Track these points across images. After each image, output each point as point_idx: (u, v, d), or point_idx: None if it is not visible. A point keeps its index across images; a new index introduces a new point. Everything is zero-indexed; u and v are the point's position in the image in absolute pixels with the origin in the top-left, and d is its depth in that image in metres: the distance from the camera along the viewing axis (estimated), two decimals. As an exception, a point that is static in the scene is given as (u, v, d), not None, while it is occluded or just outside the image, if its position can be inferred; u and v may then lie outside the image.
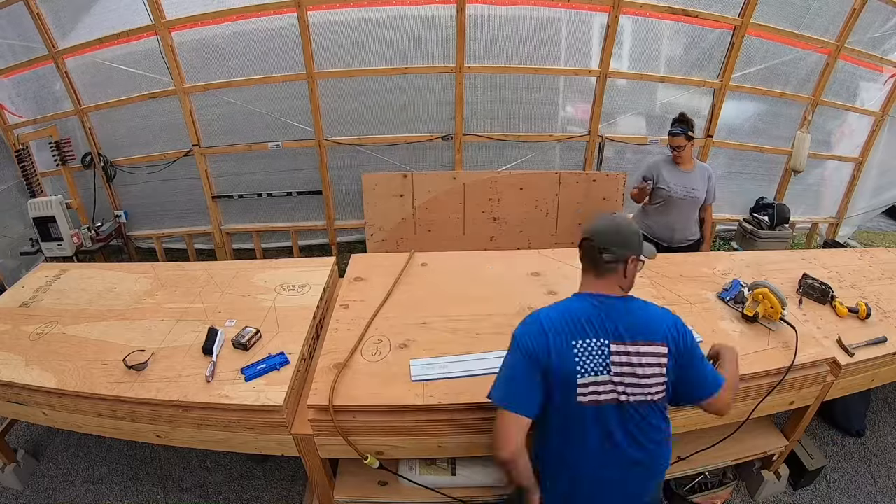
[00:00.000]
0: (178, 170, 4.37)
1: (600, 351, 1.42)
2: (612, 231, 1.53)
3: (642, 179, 3.25)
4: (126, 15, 3.74)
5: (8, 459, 2.65)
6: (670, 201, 3.21)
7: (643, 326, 1.45)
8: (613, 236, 1.52)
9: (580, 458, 1.50)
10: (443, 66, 4.01)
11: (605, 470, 1.50)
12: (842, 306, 2.41)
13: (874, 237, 5.80)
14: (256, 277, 2.65)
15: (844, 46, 4.16)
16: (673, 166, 3.23)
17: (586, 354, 1.41)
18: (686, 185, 3.20)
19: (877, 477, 2.72)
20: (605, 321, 1.45)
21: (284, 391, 1.88)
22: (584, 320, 1.45)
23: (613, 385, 1.42)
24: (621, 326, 1.44)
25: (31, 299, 2.58)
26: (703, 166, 3.26)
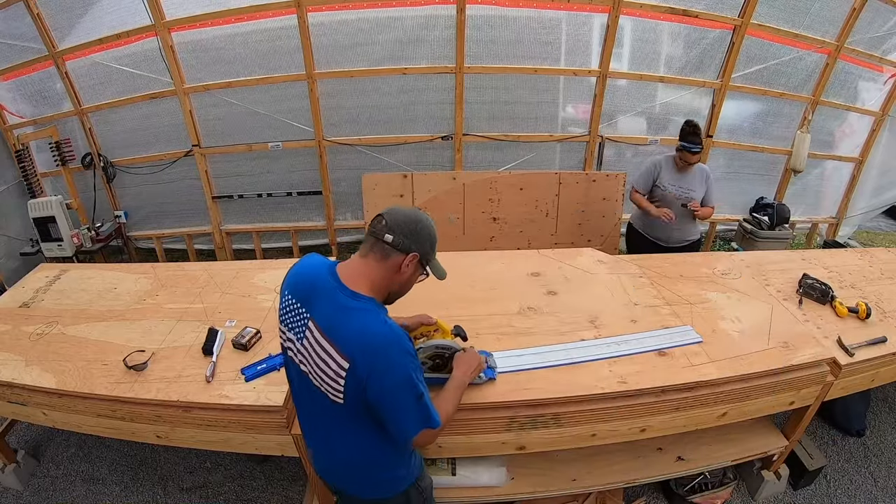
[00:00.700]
0: (178, 170, 4.37)
1: (300, 317, 1.33)
2: (412, 218, 1.35)
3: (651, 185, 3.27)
4: (126, 15, 3.74)
5: (8, 460, 2.64)
6: (668, 201, 3.21)
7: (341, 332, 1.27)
8: (409, 222, 1.34)
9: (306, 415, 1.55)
10: (443, 66, 4.01)
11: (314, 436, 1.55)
12: (842, 306, 2.41)
13: (874, 237, 5.80)
14: (256, 277, 2.65)
15: (844, 46, 4.16)
16: (672, 167, 3.24)
17: (289, 310, 1.36)
18: (684, 185, 3.21)
19: (877, 477, 2.72)
20: (319, 300, 1.31)
21: (284, 391, 1.88)
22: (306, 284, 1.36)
23: (302, 354, 1.35)
24: (327, 316, 1.29)
25: (31, 300, 2.58)
26: (701, 167, 3.26)
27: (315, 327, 1.29)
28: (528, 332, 2.16)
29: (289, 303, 1.37)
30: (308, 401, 1.45)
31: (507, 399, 1.84)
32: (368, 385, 1.25)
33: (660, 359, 2.03)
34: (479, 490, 2.13)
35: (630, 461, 2.29)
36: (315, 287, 1.34)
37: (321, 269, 1.37)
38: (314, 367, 1.31)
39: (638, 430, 1.99)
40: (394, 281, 1.37)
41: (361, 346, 1.25)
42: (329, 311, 1.29)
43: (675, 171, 3.23)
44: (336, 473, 1.57)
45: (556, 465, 2.24)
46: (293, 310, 1.35)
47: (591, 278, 2.61)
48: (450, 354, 1.81)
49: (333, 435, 1.45)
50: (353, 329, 1.26)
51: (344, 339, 1.26)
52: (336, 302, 1.29)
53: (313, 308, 1.31)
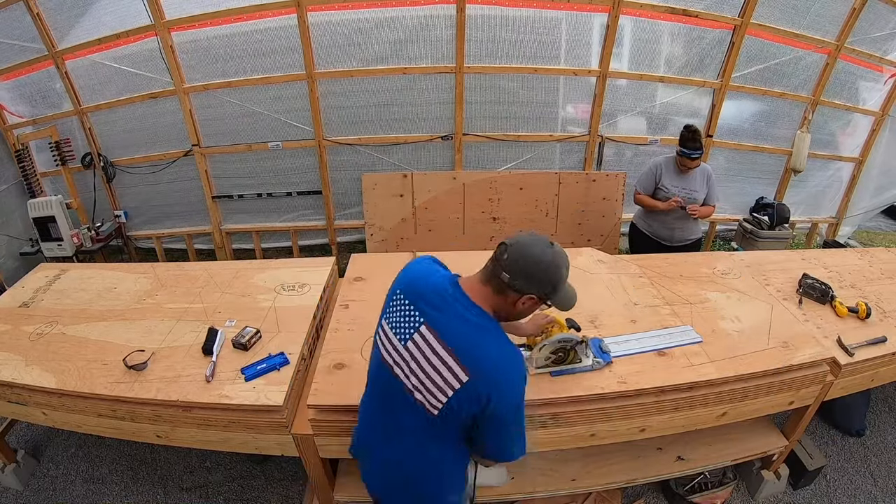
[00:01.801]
0: (178, 170, 4.37)
1: (410, 319, 1.31)
2: (533, 261, 1.28)
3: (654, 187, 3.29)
4: (126, 15, 3.73)
5: (8, 459, 2.65)
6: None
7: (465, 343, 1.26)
8: (529, 265, 1.28)
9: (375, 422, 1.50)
10: (443, 66, 4.01)
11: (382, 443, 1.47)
12: (842, 306, 2.41)
13: (874, 237, 5.80)
14: (256, 277, 2.65)
15: (844, 46, 4.16)
16: (674, 169, 3.24)
17: (397, 309, 1.34)
18: (685, 186, 3.21)
19: (877, 476, 2.72)
20: (440, 308, 1.29)
21: (284, 391, 1.88)
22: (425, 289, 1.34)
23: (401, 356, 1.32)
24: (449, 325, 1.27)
25: (31, 299, 2.58)
26: (703, 167, 3.26)
27: (430, 333, 1.27)
28: (528, 332, 2.16)
29: (399, 302, 1.35)
30: (387, 405, 1.41)
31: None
32: (490, 403, 1.24)
33: (659, 359, 2.03)
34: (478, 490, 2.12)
35: (630, 461, 2.29)
36: (435, 293, 1.32)
37: (441, 279, 1.37)
38: (417, 373, 1.28)
39: (637, 430, 1.99)
40: (510, 312, 1.35)
41: (489, 364, 1.25)
42: (453, 322, 1.28)
43: (677, 172, 3.23)
44: (389, 484, 1.49)
45: (555, 465, 2.24)
46: (402, 310, 1.33)
47: (591, 278, 2.61)
48: (570, 347, 1.89)
49: (407, 445, 1.39)
50: (482, 346, 1.26)
51: (469, 353, 1.24)
52: (461, 315, 1.28)
53: (429, 314, 1.29)
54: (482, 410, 1.25)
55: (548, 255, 1.29)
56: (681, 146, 3.11)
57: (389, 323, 1.36)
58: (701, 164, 3.24)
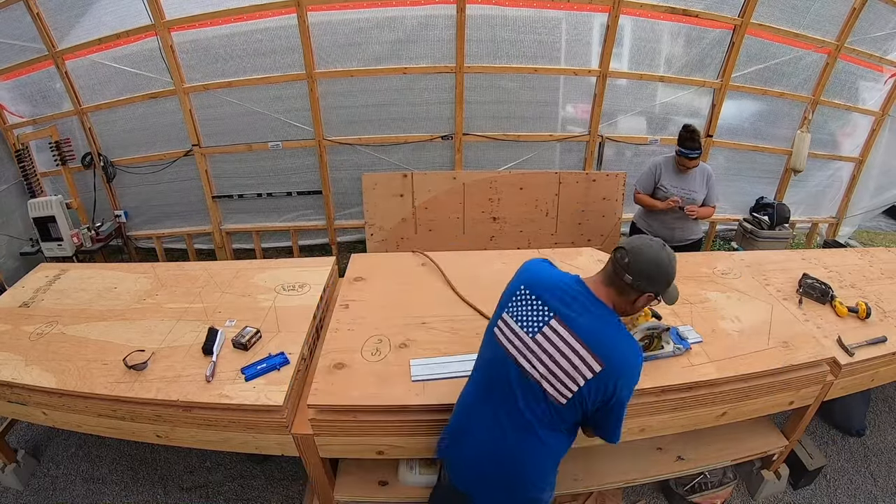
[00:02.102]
0: (178, 170, 4.37)
1: (539, 313, 1.40)
2: (654, 263, 1.40)
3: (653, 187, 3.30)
4: (126, 15, 3.73)
5: (8, 459, 2.65)
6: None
7: (598, 336, 1.36)
8: (650, 267, 1.40)
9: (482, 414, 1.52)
10: (443, 65, 4.01)
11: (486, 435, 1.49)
12: (842, 306, 2.41)
13: (874, 237, 5.80)
14: (256, 277, 2.65)
15: (844, 46, 4.16)
16: (673, 169, 3.24)
17: (524, 304, 1.43)
18: (685, 187, 3.21)
19: (877, 476, 2.72)
20: (570, 304, 1.40)
21: (284, 391, 1.88)
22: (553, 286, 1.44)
23: (526, 347, 1.40)
24: (579, 319, 1.37)
25: (31, 299, 2.58)
26: (702, 167, 3.26)
27: (561, 326, 1.36)
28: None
29: (524, 296, 1.44)
30: (502, 396, 1.45)
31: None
32: (616, 391, 1.35)
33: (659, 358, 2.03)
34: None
35: (630, 461, 2.29)
36: (562, 290, 1.43)
37: (565, 277, 1.48)
38: (547, 364, 1.36)
39: (637, 430, 1.99)
40: (626, 308, 1.46)
41: (619, 355, 1.36)
42: (583, 316, 1.37)
43: (676, 172, 3.23)
44: (488, 478, 1.49)
45: (555, 465, 2.24)
46: (528, 303, 1.42)
47: (591, 278, 2.61)
48: (657, 333, 2.00)
49: (518, 437, 1.43)
50: (611, 338, 1.37)
51: (603, 344, 1.34)
52: (588, 310, 1.39)
53: (559, 309, 1.39)
54: (609, 398, 1.36)
55: (664, 258, 1.42)
56: (679, 146, 3.11)
57: (514, 316, 1.44)
58: (701, 165, 3.24)
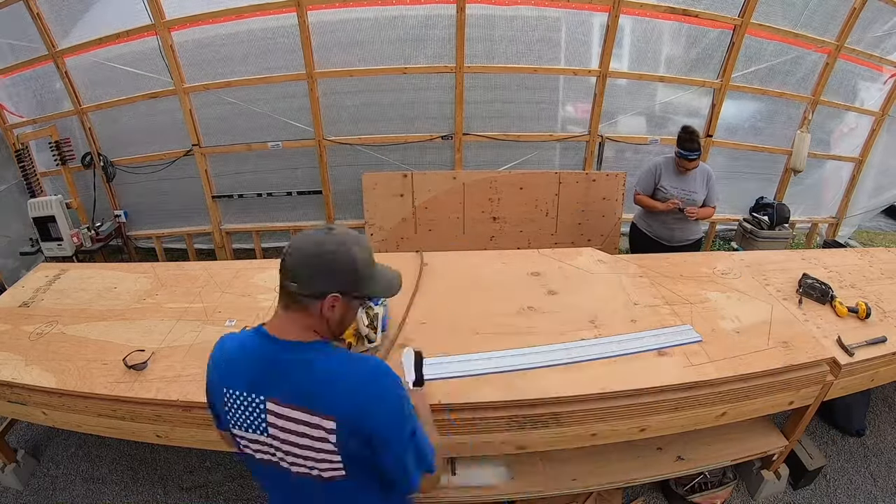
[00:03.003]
0: (178, 169, 4.37)
1: (253, 407, 1.09)
2: (312, 253, 1.08)
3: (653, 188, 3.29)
4: (126, 15, 3.73)
5: (8, 459, 2.64)
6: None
7: (308, 390, 1.06)
8: (310, 260, 1.08)
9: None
10: (443, 65, 4.01)
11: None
12: (841, 306, 2.41)
13: (874, 237, 5.80)
14: (256, 277, 2.65)
15: (844, 46, 4.16)
16: (673, 169, 3.23)
17: (236, 407, 1.11)
18: (684, 187, 3.20)
19: (877, 476, 2.72)
20: (269, 372, 1.09)
21: (284, 391, 1.88)
22: (245, 366, 1.12)
23: (272, 448, 1.11)
24: (285, 383, 1.07)
25: (30, 299, 2.58)
26: (702, 168, 3.25)
27: (277, 406, 1.07)
28: (529, 332, 2.16)
29: (234, 399, 1.11)
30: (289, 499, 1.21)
31: (506, 399, 1.84)
32: (363, 426, 1.05)
33: (659, 358, 2.03)
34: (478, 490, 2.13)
35: (630, 461, 2.29)
36: (247, 361, 1.12)
37: (248, 342, 1.15)
38: (296, 454, 1.09)
39: (637, 430, 1.99)
40: (329, 325, 1.13)
41: (340, 390, 1.06)
42: (285, 377, 1.08)
43: (676, 173, 3.23)
44: None
45: (555, 465, 2.24)
46: (242, 403, 1.10)
47: (591, 278, 2.62)
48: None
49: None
50: (321, 379, 1.07)
51: (316, 395, 1.06)
52: (286, 364, 1.08)
53: (264, 387, 1.08)
54: (369, 436, 1.05)
55: (327, 243, 1.09)
56: (678, 147, 3.10)
57: (239, 425, 1.13)
58: (701, 165, 3.23)
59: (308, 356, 1.09)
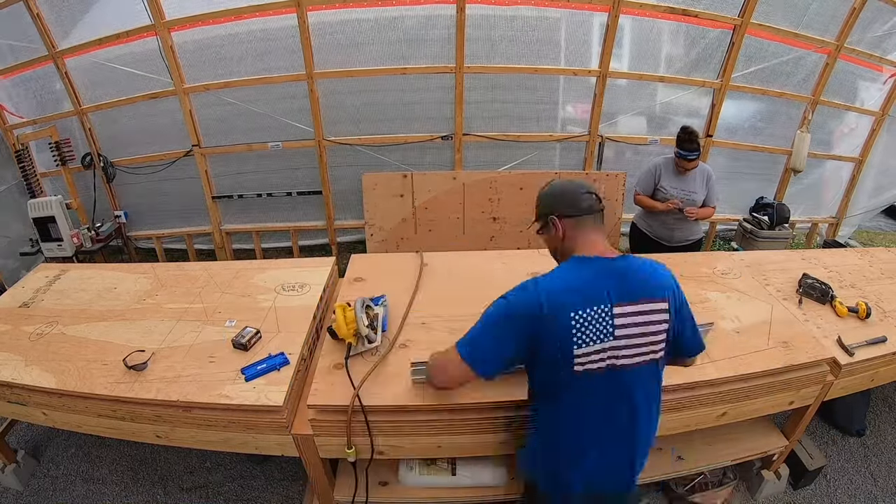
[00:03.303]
0: (178, 170, 4.37)
1: (602, 317, 1.34)
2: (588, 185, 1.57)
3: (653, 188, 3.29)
4: (126, 15, 3.74)
5: (8, 460, 2.65)
6: None
7: (650, 285, 1.40)
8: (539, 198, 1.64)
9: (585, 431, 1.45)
10: (442, 66, 4.01)
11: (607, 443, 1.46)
12: (842, 306, 2.41)
13: (874, 237, 5.80)
14: (256, 277, 2.65)
15: (844, 46, 4.16)
16: (672, 169, 3.23)
17: (585, 325, 1.33)
18: (684, 188, 3.21)
19: (877, 476, 2.72)
20: (613, 282, 1.37)
21: (284, 391, 1.88)
22: (591, 286, 1.37)
23: (613, 350, 1.36)
24: (626, 286, 1.37)
25: (30, 299, 2.58)
26: (702, 167, 3.25)
27: (622, 307, 1.35)
28: (528, 332, 2.16)
29: (582, 319, 1.33)
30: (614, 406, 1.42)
31: (507, 399, 1.83)
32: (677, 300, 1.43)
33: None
34: (479, 490, 2.13)
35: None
36: (599, 280, 1.38)
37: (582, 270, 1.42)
38: (637, 344, 1.38)
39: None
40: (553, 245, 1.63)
41: (661, 278, 1.43)
42: (625, 282, 1.38)
43: (675, 173, 3.23)
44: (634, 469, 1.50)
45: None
46: (591, 319, 1.33)
47: (591, 278, 2.61)
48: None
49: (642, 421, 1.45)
50: (648, 274, 1.42)
51: (650, 287, 1.40)
52: (622, 272, 1.40)
53: (612, 296, 1.35)
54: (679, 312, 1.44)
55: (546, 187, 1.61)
56: (678, 148, 3.10)
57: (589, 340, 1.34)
58: (701, 165, 3.23)
59: (628, 262, 1.43)
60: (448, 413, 1.83)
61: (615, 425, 1.45)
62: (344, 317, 1.96)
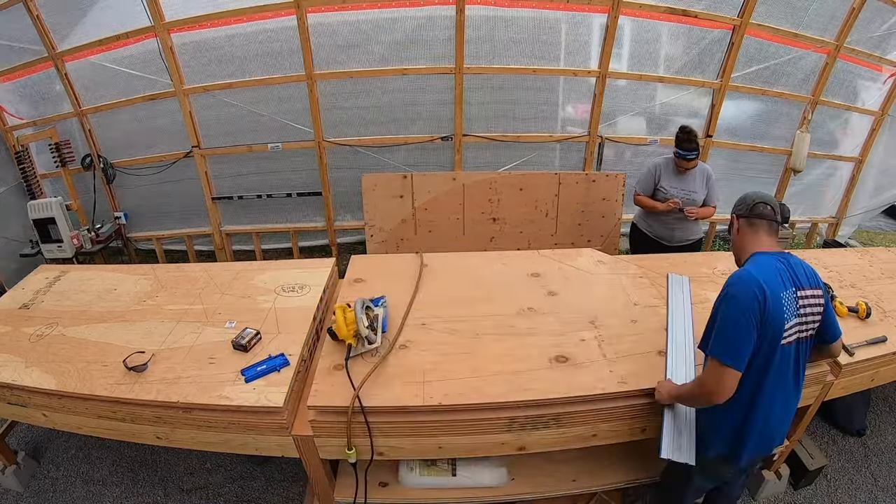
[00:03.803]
0: (178, 171, 4.37)
1: (794, 299, 1.63)
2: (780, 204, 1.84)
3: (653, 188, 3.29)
4: (126, 17, 3.74)
5: (8, 461, 2.65)
6: None
7: (809, 275, 1.70)
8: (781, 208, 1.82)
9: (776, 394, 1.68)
10: (442, 66, 4.01)
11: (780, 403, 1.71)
12: (842, 306, 2.41)
13: (874, 237, 5.80)
14: (256, 279, 2.65)
15: (844, 46, 4.16)
16: (672, 170, 3.23)
17: (787, 304, 1.61)
18: (684, 188, 3.21)
19: (877, 476, 2.72)
20: (790, 273, 1.66)
21: (285, 392, 1.88)
22: (782, 275, 1.64)
23: (799, 326, 1.64)
24: (801, 275, 1.67)
25: (31, 301, 2.58)
26: (702, 167, 3.25)
27: (802, 291, 1.65)
28: (529, 333, 2.16)
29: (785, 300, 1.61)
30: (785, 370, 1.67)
31: (507, 399, 1.83)
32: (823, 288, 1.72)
33: (660, 358, 2.03)
34: (479, 490, 2.13)
35: (630, 461, 2.29)
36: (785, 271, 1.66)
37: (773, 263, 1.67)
38: (809, 321, 1.67)
39: (639, 431, 1.99)
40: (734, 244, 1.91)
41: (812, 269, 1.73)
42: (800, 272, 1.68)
43: (675, 173, 3.23)
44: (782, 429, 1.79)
45: (556, 466, 2.24)
46: (789, 300, 1.62)
47: (591, 278, 2.62)
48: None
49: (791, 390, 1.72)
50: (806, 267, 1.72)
51: (812, 276, 1.71)
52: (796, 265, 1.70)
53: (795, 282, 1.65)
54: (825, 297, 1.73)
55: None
56: (677, 147, 3.11)
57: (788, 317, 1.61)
58: (701, 165, 3.24)
59: (794, 257, 1.73)
60: (448, 414, 1.83)
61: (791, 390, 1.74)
62: (344, 318, 1.96)
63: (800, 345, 1.68)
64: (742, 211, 1.85)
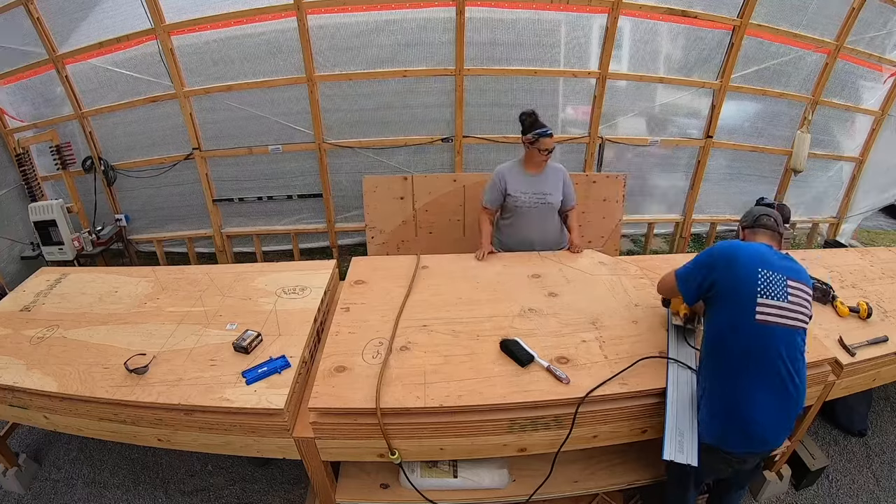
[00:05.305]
0: (179, 173, 4.38)
1: (780, 282, 1.73)
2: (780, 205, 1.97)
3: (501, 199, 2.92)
4: (126, 19, 3.74)
5: (9, 463, 2.65)
6: (521, 212, 2.88)
7: (801, 273, 1.81)
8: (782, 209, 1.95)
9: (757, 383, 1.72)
10: (442, 68, 4.02)
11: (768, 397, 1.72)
12: (843, 306, 2.41)
13: (875, 236, 5.80)
14: (257, 281, 2.65)
15: (844, 46, 4.16)
16: (519, 171, 2.87)
17: (769, 281, 1.73)
18: (536, 190, 2.84)
19: (879, 477, 2.71)
20: (783, 263, 1.79)
21: (286, 394, 1.88)
22: (769, 257, 1.79)
23: (784, 310, 1.71)
24: (791, 270, 1.78)
25: (32, 303, 2.59)
26: (554, 167, 2.91)
27: (791, 282, 1.75)
28: (530, 334, 2.16)
29: (767, 276, 1.74)
30: (767, 357, 1.71)
31: (508, 401, 1.83)
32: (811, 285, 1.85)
33: (661, 358, 2.03)
34: (480, 492, 2.13)
35: (631, 462, 2.28)
36: (776, 260, 1.80)
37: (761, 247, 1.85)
38: (797, 313, 1.73)
39: (639, 432, 1.99)
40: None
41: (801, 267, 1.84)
42: (790, 267, 1.79)
43: (524, 176, 2.86)
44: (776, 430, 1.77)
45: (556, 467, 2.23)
46: (773, 279, 1.74)
47: (592, 279, 2.62)
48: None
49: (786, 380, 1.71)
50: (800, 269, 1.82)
51: (803, 274, 1.82)
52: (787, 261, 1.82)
53: (785, 271, 1.76)
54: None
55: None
56: (534, 130, 2.72)
57: (767, 295, 1.72)
58: (554, 165, 2.92)
59: (789, 258, 1.84)
60: (449, 415, 1.83)
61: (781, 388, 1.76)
62: None
63: (785, 334, 1.72)
64: (747, 222, 2.03)
